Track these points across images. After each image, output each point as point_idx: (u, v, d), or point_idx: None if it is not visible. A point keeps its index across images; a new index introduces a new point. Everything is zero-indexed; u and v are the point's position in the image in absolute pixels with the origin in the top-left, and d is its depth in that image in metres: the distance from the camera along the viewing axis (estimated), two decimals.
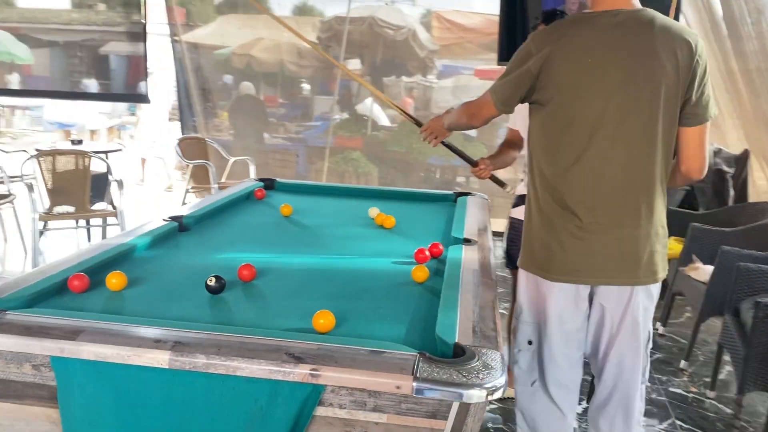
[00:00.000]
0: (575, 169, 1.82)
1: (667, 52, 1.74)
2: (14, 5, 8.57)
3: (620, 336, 1.90)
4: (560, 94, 1.80)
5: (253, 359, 1.32)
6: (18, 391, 1.44)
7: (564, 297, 1.89)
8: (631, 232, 1.82)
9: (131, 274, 1.88)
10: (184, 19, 7.48)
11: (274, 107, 8.08)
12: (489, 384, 1.29)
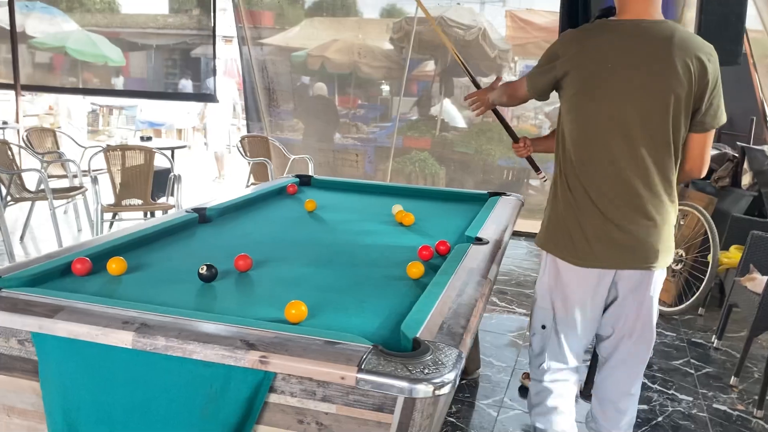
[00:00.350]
0: (593, 164, 1.96)
1: (682, 64, 1.86)
2: (117, 11, 9.08)
3: (641, 317, 2.07)
4: (581, 94, 1.95)
5: (207, 344, 1.35)
6: (6, 364, 1.54)
7: (585, 283, 2.02)
8: (647, 224, 1.96)
9: (136, 261, 1.97)
10: (272, 22, 7.73)
11: (354, 108, 8.19)
12: (437, 380, 1.26)
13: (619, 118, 1.90)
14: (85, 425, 1.46)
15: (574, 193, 1.99)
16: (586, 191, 1.97)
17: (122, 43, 8.77)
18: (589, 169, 1.96)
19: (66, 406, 1.46)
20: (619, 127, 1.90)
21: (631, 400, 2.19)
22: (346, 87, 8.24)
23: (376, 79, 8.14)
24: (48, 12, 8.95)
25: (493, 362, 3.46)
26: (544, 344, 2.15)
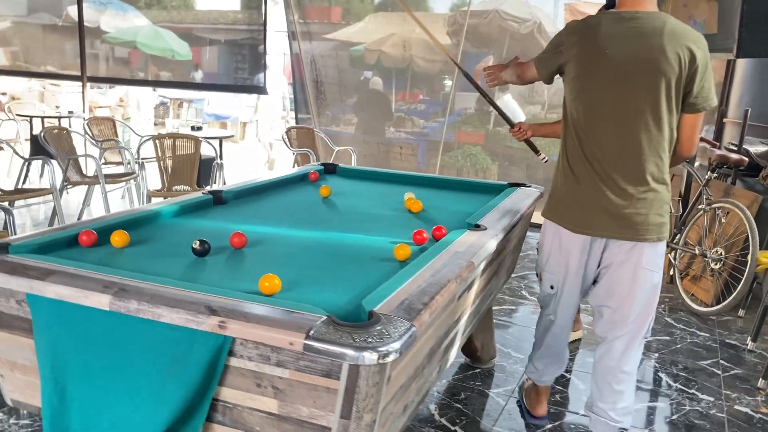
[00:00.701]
0: (592, 141, 2.17)
1: (672, 52, 2.04)
2: (192, 7, 9.41)
3: (633, 291, 2.23)
4: (581, 78, 2.17)
5: (174, 308, 1.45)
6: (7, 323, 1.69)
7: (580, 247, 2.26)
8: (638, 198, 2.15)
9: (142, 236, 2.10)
10: (339, 18, 7.87)
11: (414, 103, 8.22)
12: (381, 349, 1.31)
13: (614, 100, 2.11)
14: (71, 381, 1.58)
15: (574, 169, 2.22)
16: (585, 166, 2.19)
17: (192, 38, 9.07)
18: (587, 146, 2.17)
19: (55, 363, 1.59)
20: (614, 108, 2.11)
21: (626, 379, 2.32)
22: (402, 81, 8.28)
23: (432, 74, 8.14)
24: (121, 8, 9.36)
25: (511, 353, 3.46)
26: (553, 303, 2.45)
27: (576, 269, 2.30)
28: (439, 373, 2.07)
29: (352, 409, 1.38)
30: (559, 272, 2.36)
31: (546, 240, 2.40)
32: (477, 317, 2.53)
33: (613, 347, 2.32)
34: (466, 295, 2.09)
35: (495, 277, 2.67)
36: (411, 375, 1.67)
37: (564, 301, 2.41)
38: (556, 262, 2.36)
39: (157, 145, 5.24)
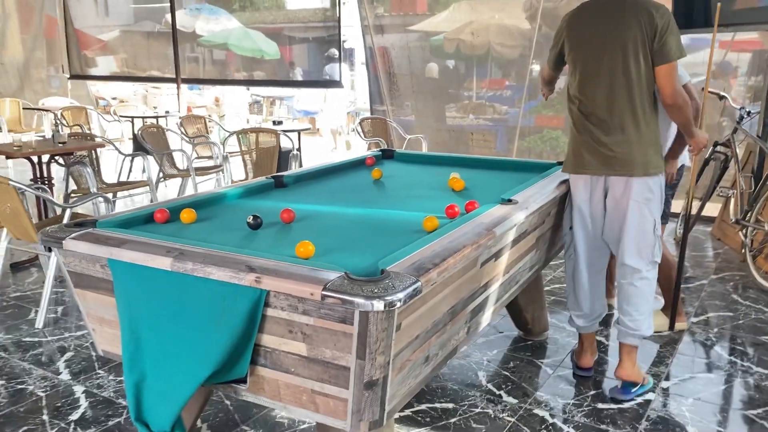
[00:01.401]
0: (583, 96, 2.73)
1: (633, 18, 2.60)
2: (283, 7, 9.85)
3: (628, 218, 2.72)
4: (573, 51, 2.76)
5: (220, 267, 1.73)
6: (95, 284, 2.04)
7: (583, 186, 2.81)
8: (623, 139, 2.68)
9: (209, 214, 2.43)
10: (425, 8, 8.06)
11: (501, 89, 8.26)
12: (387, 298, 1.54)
13: (595, 64, 2.68)
14: (144, 331, 1.91)
15: (575, 125, 2.79)
16: (581, 121, 2.75)
17: (281, 38, 9.49)
18: (583, 105, 2.73)
19: (131, 317, 1.92)
20: (599, 70, 2.67)
21: (636, 294, 2.80)
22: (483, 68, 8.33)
23: (512, 59, 8.13)
24: (214, 13, 9.95)
25: (566, 327, 3.57)
26: (571, 239, 2.93)
27: (581, 205, 2.82)
28: (469, 333, 2.27)
29: (366, 351, 1.61)
30: (573, 213, 2.87)
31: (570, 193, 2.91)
32: (515, 287, 2.68)
33: (624, 258, 2.78)
34: (493, 263, 2.27)
35: (535, 250, 2.82)
36: (429, 329, 1.88)
37: (580, 236, 2.88)
38: (570, 203, 2.89)
39: (240, 140, 5.67)
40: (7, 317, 3.73)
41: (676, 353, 3.24)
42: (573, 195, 2.87)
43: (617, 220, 2.77)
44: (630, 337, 2.82)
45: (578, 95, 2.74)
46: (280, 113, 16.41)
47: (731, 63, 7.18)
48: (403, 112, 7.29)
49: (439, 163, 3.58)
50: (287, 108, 16.62)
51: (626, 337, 2.83)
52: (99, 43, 10.04)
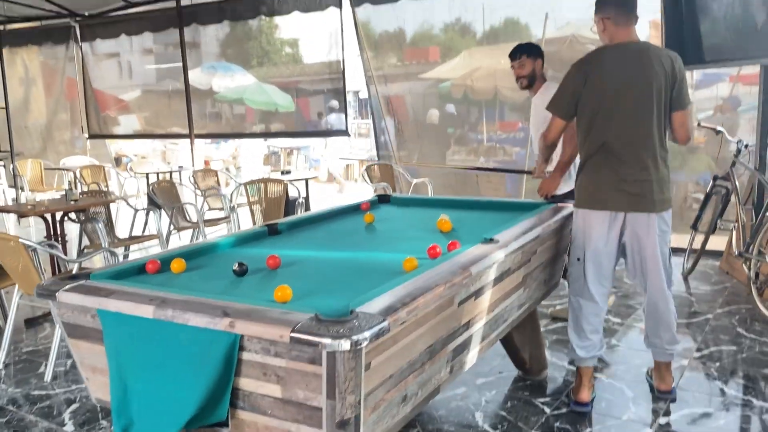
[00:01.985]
0: (608, 135, 2.86)
1: (658, 66, 2.82)
2: (300, 61, 10.10)
3: (646, 251, 2.94)
4: (596, 94, 2.86)
5: (197, 313, 1.81)
6: (87, 333, 2.13)
7: (603, 222, 2.93)
8: (648, 177, 2.87)
9: (200, 263, 2.51)
10: (437, 57, 8.26)
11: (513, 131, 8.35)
12: (354, 337, 1.60)
13: (625, 105, 2.82)
14: (130, 378, 1.98)
15: (597, 163, 2.90)
16: (604, 159, 2.88)
17: (297, 91, 9.70)
18: (608, 143, 2.86)
19: (119, 364, 2.00)
20: (625, 110, 2.82)
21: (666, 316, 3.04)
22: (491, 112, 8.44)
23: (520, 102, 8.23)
24: (229, 70, 10.27)
25: (565, 366, 3.57)
26: (581, 271, 3.04)
27: (598, 240, 2.94)
28: (452, 372, 2.30)
29: (336, 391, 1.66)
30: (585, 244, 2.99)
31: (575, 225, 3.05)
32: (504, 326, 2.72)
33: (652, 293, 3.02)
34: (473, 302, 2.32)
35: (523, 288, 2.86)
36: (404, 368, 1.93)
37: (590, 269, 3.00)
38: (582, 237, 3.00)
39: (248, 190, 5.82)
40: (18, 371, 3.83)
41: (676, 389, 3.21)
42: (587, 230, 2.97)
43: (641, 254, 2.96)
44: (669, 355, 3.11)
45: (601, 135, 2.86)
46: (297, 163, 16.74)
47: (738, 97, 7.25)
48: (409, 158, 7.42)
49: (433, 205, 3.66)
50: (304, 157, 16.94)
51: (665, 356, 3.11)
52: (120, 103, 10.40)
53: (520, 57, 3.97)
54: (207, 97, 9.75)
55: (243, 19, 8.64)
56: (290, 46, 10.61)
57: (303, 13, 7.88)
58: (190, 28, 8.94)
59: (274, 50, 10.24)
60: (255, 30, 9.12)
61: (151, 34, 9.44)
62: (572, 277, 3.10)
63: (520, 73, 4.01)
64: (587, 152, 2.95)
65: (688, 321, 4.22)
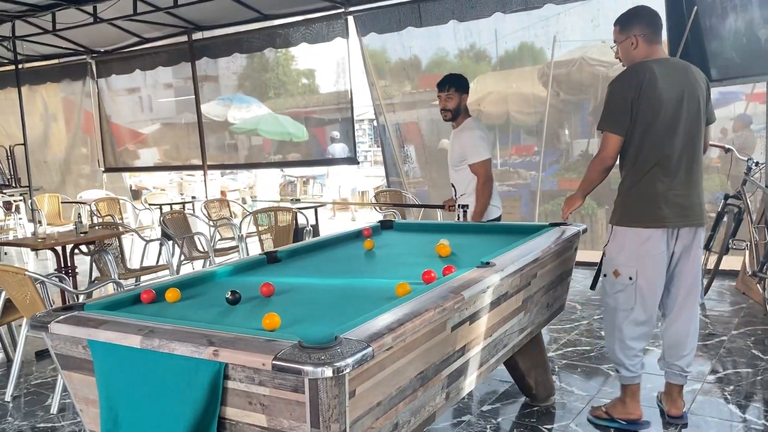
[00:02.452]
0: (661, 151, 2.83)
1: (699, 82, 2.91)
2: (316, 92, 10.19)
3: (693, 268, 2.98)
4: (652, 109, 2.80)
5: (183, 342, 1.80)
6: (78, 364, 2.13)
7: (660, 239, 2.87)
8: (695, 192, 2.91)
9: (196, 292, 2.52)
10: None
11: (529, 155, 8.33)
12: (336, 364, 1.58)
13: (677, 121, 2.83)
14: (120, 408, 1.97)
15: (649, 180, 2.84)
16: (657, 175, 2.83)
17: (311, 120, 9.80)
18: (662, 160, 2.83)
19: (109, 394, 1.99)
20: (677, 127, 2.83)
21: (693, 335, 3.04)
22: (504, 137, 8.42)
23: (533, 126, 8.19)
24: (244, 102, 10.41)
25: (574, 391, 3.50)
26: (633, 292, 2.94)
27: (658, 257, 2.88)
28: (449, 399, 2.26)
29: (320, 419, 1.64)
30: (638, 263, 2.89)
31: (621, 244, 2.94)
32: (504, 351, 2.67)
33: (682, 317, 3.01)
34: (468, 327, 2.29)
35: (524, 312, 2.82)
36: (393, 395, 1.89)
37: (645, 287, 2.91)
38: (634, 256, 2.89)
39: (258, 219, 5.85)
40: (26, 404, 3.84)
41: (687, 413, 3.12)
42: (641, 249, 2.88)
43: (683, 269, 2.97)
44: (684, 378, 3.07)
45: (658, 149, 2.82)
46: (313, 191, 16.84)
47: (749, 115, 7.18)
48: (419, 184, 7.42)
49: (435, 231, 3.64)
50: (320, 186, 17.04)
51: (680, 379, 3.06)
52: (138, 136, 10.59)
53: (449, 89, 3.97)
54: (224, 128, 9.90)
55: (251, 52, 8.78)
56: (306, 76, 10.76)
57: (310, 44, 7.99)
58: (202, 61, 9.10)
59: (290, 81, 10.38)
60: (272, 62, 9.26)
61: (167, 68, 9.63)
62: (620, 299, 2.97)
63: (446, 105, 4.01)
64: (640, 167, 2.86)
65: (702, 343, 4.12)
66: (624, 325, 2.98)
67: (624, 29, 2.93)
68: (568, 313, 4.87)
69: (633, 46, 2.90)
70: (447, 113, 4.02)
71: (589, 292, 5.57)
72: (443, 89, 3.99)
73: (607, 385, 3.54)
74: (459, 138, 4.04)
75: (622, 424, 3.03)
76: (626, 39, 2.91)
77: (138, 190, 14.79)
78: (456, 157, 4.06)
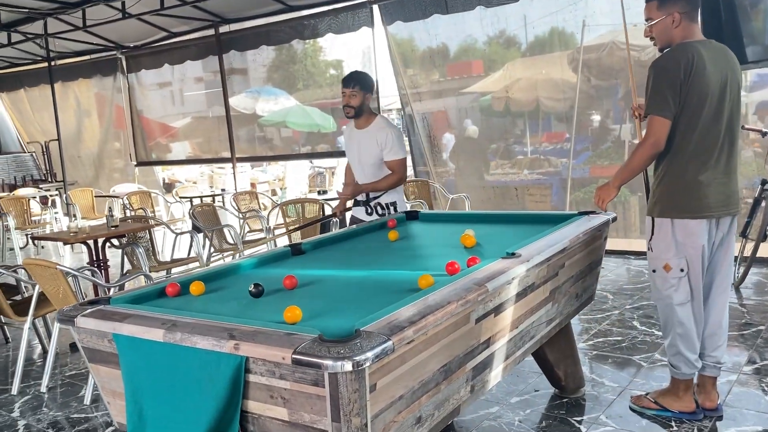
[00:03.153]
0: (708, 138, 2.74)
1: (737, 68, 2.84)
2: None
3: (727, 255, 2.94)
4: (701, 92, 2.70)
5: (205, 336, 1.81)
6: (105, 358, 2.15)
7: (706, 228, 2.81)
8: (734, 179, 2.85)
9: (220, 284, 2.52)
10: (481, 70, 8.24)
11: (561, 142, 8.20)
12: (356, 358, 1.56)
13: (721, 108, 2.74)
14: (145, 401, 1.99)
15: (695, 168, 2.75)
16: (703, 163, 2.75)
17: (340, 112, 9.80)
18: (708, 147, 2.74)
19: (134, 387, 2.01)
20: (721, 114, 2.74)
21: (726, 325, 2.99)
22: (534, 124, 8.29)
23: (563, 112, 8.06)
24: (272, 94, 10.46)
25: (605, 383, 3.43)
26: (686, 284, 2.87)
27: (705, 246, 2.82)
28: (474, 392, 2.23)
29: (340, 413, 1.62)
30: (691, 256, 2.82)
31: (664, 235, 2.85)
32: (531, 343, 2.63)
33: (719, 301, 2.96)
34: (493, 319, 2.25)
35: (552, 303, 2.77)
36: (416, 388, 1.87)
37: (694, 278, 2.86)
38: (683, 248, 2.82)
39: (286, 211, 5.87)
40: (61, 394, 3.92)
41: (722, 405, 3.04)
42: (692, 239, 2.80)
43: (718, 257, 2.92)
44: (719, 369, 3.01)
45: (702, 138, 2.73)
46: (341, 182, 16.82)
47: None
48: (446, 172, 7.36)
49: (460, 221, 3.60)
50: None
51: (715, 371, 3.00)
52: (169, 130, 10.72)
53: (354, 86, 3.92)
54: (253, 121, 9.95)
55: (279, 43, 8.79)
56: (333, 67, 10.76)
57: (336, 34, 7.97)
58: (230, 54, 9.14)
59: (318, 72, 10.39)
60: (300, 53, 9.27)
61: (196, 62, 9.71)
62: (676, 293, 2.87)
63: (350, 102, 3.95)
64: (686, 155, 2.76)
65: (738, 333, 4.02)
66: (684, 318, 2.88)
67: (662, 5, 2.75)
68: (599, 302, 4.79)
69: (674, 25, 2.74)
70: (350, 110, 3.96)
71: (621, 281, 5.48)
72: (348, 86, 3.93)
73: (639, 376, 3.47)
74: (374, 136, 3.97)
75: (675, 413, 2.98)
76: (667, 17, 2.74)
77: (171, 183, 14.99)
78: (372, 155, 4.00)
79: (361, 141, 4.05)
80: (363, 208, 4.11)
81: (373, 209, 4.07)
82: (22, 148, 12.65)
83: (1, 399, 3.91)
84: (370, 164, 4.03)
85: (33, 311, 4.03)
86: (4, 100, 12.53)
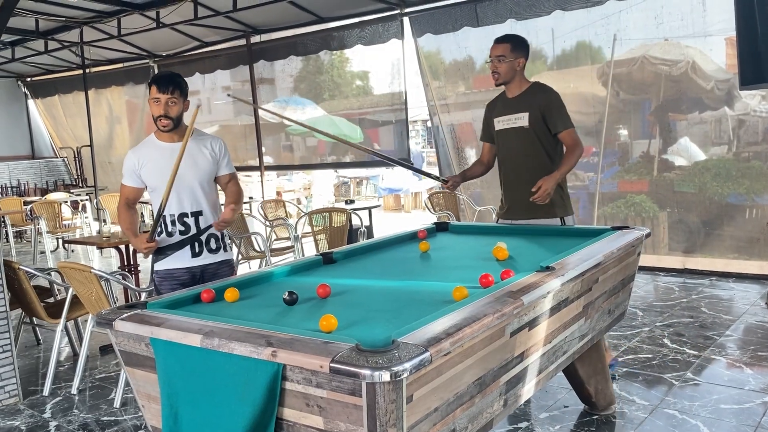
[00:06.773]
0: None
1: None
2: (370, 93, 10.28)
3: None
4: None
5: (242, 342, 1.82)
6: (141, 361, 2.18)
7: None
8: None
9: (253, 292, 2.54)
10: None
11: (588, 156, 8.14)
12: (394, 368, 1.57)
13: None
14: (181, 405, 2.01)
15: None
16: None
17: (367, 122, 9.87)
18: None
19: (170, 391, 2.03)
20: None
21: None
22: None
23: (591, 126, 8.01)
24: (300, 104, 10.55)
25: (636, 400, 3.39)
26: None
27: None
28: (506, 406, 2.22)
29: (377, 424, 1.62)
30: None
31: None
32: (563, 358, 2.61)
33: None
34: (527, 333, 2.24)
35: (584, 319, 2.74)
36: (451, 400, 1.87)
37: None
38: None
39: (313, 220, 5.90)
40: (91, 397, 3.97)
41: (758, 427, 2.99)
42: None
43: None
44: None
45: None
46: (366, 192, 16.90)
47: None
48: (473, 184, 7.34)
49: (491, 233, 3.58)
50: (374, 187, 17.10)
51: None
52: None
53: (173, 92, 3.35)
54: (280, 130, 10.04)
55: (307, 54, 8.87)
56: (360, 78, 10.81)
57: (365, 46, 8.02)
58: (258, 64, 9.24)
59: (344, 83, 10.45)
60: (327, 64, 9.35)
61: (225, 71, 9.84)
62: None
63: (169, 111, 3.40)
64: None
65: None
66: None
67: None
68: (629, 319, 4.73)
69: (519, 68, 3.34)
70: (168, 121, 3.44)
71: (650, 298, 5.42)
72: (165, 91, 3.34)
73: (670, 395, 3.42)
74: (208, 148, 3.54)
75: None
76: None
77: None
78: (209, 172, 3.47)
79: (189, 157, 3.41)
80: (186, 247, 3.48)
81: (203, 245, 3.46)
82: (55, 154, 12.91)
83: (33, 400, 3.98)
84: (201, 183, 3.47)
85: (66, 314, 4.10)
86: (39, 106, 12.81)
